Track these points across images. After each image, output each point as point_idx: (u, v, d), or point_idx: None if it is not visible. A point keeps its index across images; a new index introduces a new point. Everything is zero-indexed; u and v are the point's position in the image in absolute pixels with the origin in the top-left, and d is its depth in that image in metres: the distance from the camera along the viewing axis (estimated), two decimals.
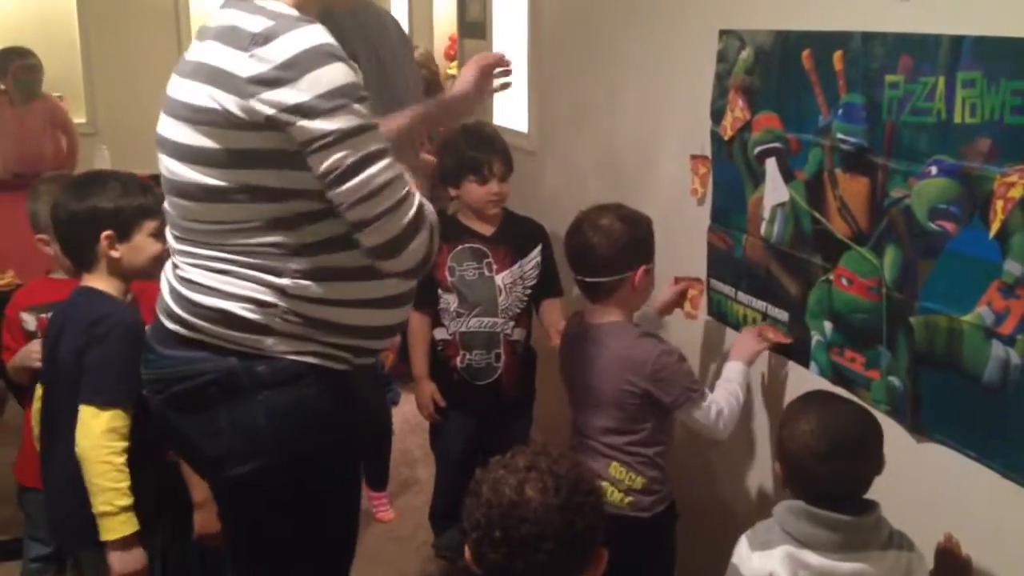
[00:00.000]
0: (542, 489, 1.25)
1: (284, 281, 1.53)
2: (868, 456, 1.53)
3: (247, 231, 1.52)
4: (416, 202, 1.50)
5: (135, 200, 1.96)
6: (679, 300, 2.31)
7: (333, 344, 1.60)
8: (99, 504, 1.85)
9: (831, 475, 1.49)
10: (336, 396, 1.62)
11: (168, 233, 1.66)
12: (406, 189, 1.49)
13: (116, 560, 1.87)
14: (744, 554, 1.55)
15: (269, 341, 1.55)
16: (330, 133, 1.42)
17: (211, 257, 1.55)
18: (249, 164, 1.48)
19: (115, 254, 1.96)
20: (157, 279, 2.08)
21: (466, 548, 1.30)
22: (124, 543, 1.87)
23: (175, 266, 1.63)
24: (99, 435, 1.86)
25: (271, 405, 1.56)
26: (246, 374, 1.55)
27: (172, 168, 1.56)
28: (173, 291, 1.60)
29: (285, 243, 1.52)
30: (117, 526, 1.86)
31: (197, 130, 1.49)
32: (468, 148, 2.67)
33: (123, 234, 1.96)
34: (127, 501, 1.86)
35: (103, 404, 1.87)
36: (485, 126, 3.03)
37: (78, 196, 1.96)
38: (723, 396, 2.01)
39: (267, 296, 1.53)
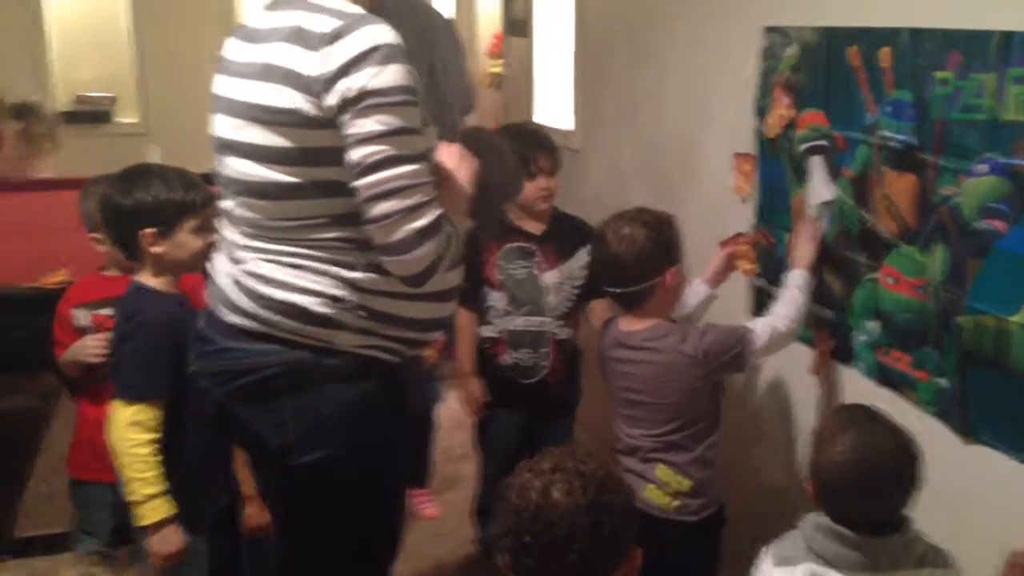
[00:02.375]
0: (568, 490, 1.25)
1: (356, 275, 1.58)
2: (905, 486, 1.46)
3: (318, 226, 1.57)
4: (431, 215, 1.52)
5: (177, 196, 2.00)
6: (731, 263, 2.27)
7: (393, 337, 1.65)
8: (129, 494, 1.93)
9: (865, 506, 1.45)
10: (392, 389, 1.68)
11: (231, 231, 1.69)
12: (424, 199, 1.51)
13: (153, 543, 1.95)
14: (766, 570, 1.53)
15: (338, 335, 1.60)
16: (371, 128, 1.46)
17: (284, 252, 1.60)
18: (323, 161, 1.53)
19: (157, 250, 2.01)
20: (200, 273, 2.15)
21: (502, 555, 1.31)
22: (158, 527, 1.94)
23: (237, 260, 1.65)
24: (124, 428, 1.93)
25: (337, 397, 1.61)
26: (314, 367, 1.60)
27: (243, 169, 1.60)
28: (239, 285, 1.63)
29: (353, 237, 1.56)
30: (148, 513, 1.93)
31: (271, 130, 1.54)
32: (514, 146, 2.67)
33: (165, 230, 2.00)
34: (154, 489, 1.93)
35: (129, 399, 1.94)
36: (528, 124, 3.04)
37: (123, 191, 2.01)
38: (775, 308, 2.00)
39: (338, 291, 1.58)
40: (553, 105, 3.92)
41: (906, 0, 1.72)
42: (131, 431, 1.92)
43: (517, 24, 4.22)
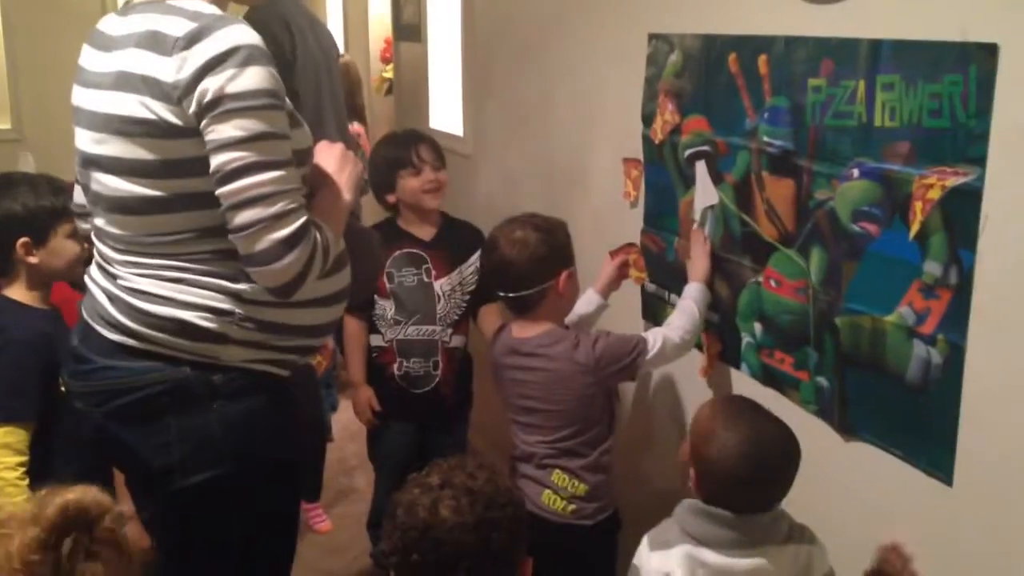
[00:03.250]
0: (455, 508, 1.24)
1: (240, 286, 1.52)
2: (786, 479, 1.54)
3: (191, 239, 1.51)
4: (297, 222, 1.45)
5: (47, 202, 1.94)
6: (623, 272, 2.30)
7: (282, 347, 1.60)
8: None
9: (751, 493, 1.51)
10: (284, 404, 1.64)
11: (103, 246, 1.62)
12: (289, 207, 1.45)
13: None
14: (644, 554, 1.57)
15: (225, 350, 1.54)
16: (230, 134, 1.40)
17: (162, 266, 1.53)
18: (188, 172, 1.46)
19: (32, 260, 1.94)
20: (77, 281, 2.07)
21: (390, 573, 1.29)
22: None
23: (114, 276, 1.58)
24: None
25: (225, 415, 1.55)
26: (200, 384, 1.54)
27: (108, 183, 1.53)
28: (117, 300, 1.56)
29: (229, 248, 1.49)
30: None
31: (132, 142, 1.47)
32: (392, 148, 2.67)
33: (39, 239, 1.94)
34: None
35: None
36: (404, 129, 3.06)
37: None
38: (671, 320, 2.01)
39: (223, 304, 1.52)
40: (443, 111, 3.90)
41: (782, 8, 1.76)
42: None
43: (408, 29, 4.19)
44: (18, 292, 1.96)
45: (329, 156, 1.66)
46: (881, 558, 1.57)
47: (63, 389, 1.92)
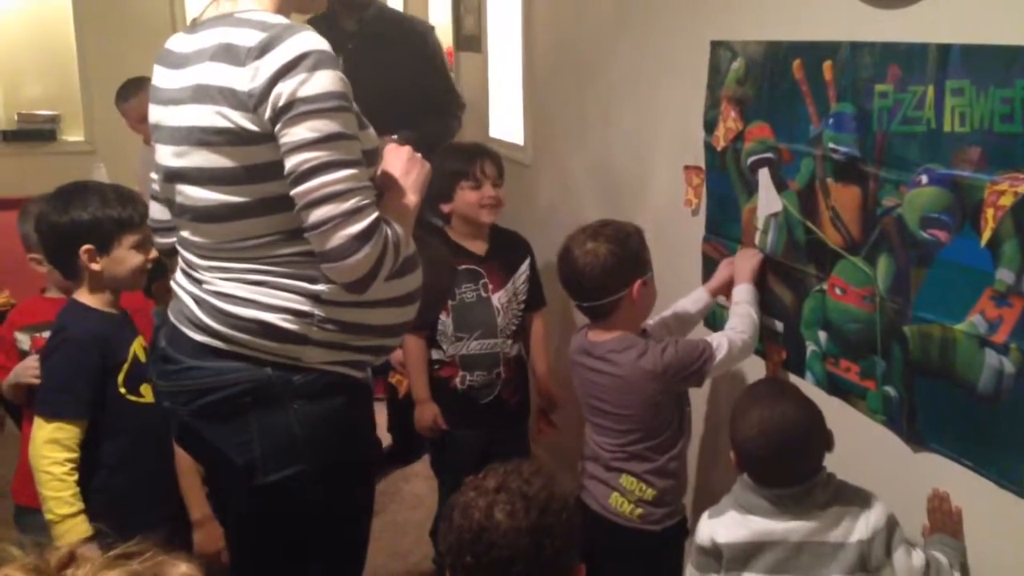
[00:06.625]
0: (511, 512, 1.26)
1: (319, 287, 1.57)
2: (810, 448, 1.66)
3: (273, 243, 1.56)
4: (369, 219, 1.49)
5: (115, 212, 1.99)
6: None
7: (361, 347, 1.64)
8: (45, 512, 1.90)
9: (777, 468, 1.65)
10: (359, 406, 1.69)
11: (188, 254, 1.68)
12: (361, 203, 1.49)
13: None
14: (703, 519, 1.74)
15: (305, 351, 1.59)
16: (303, 136, 1.45)
17: (246, 270, 1.58)
18: (268, 176, 1.52)
19: (95, 267, 1.99)
20: (141, 290, 2.13)
21: (446, 573, 1.30)
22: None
23: (199, 281, 1.64)
24: (40, 445, 1.90)
25: (304, 414, 1.60)
26: (281, 384, 1.59)
27: (192, 194, 1.59)
28: (203, 304, 1.62)
29: (304, 251, 1.54)
30: (63, 533, 1.89)
31: (214, 151, 1.52)
32: (457, 159, 2.68)
33: (103, 247, 1.98)
34: (69, 509, 1.89)
35: (47, 415, 1.92)
36: (469, 142, 3.08)
37: (59, 209, 1.99)
38: (731, 324, 2.02)
39: (303, 305, 1.57)
40: (506, 119, 3.93)
41: (847, 14, 1.75)
42: (48, 448, 1.89)
43: (469, 40, 4.22)
44: (83, 295, 2.03)
45: (396, 159, 1.69)
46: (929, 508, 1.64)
47: (122, 391, 1.99)
